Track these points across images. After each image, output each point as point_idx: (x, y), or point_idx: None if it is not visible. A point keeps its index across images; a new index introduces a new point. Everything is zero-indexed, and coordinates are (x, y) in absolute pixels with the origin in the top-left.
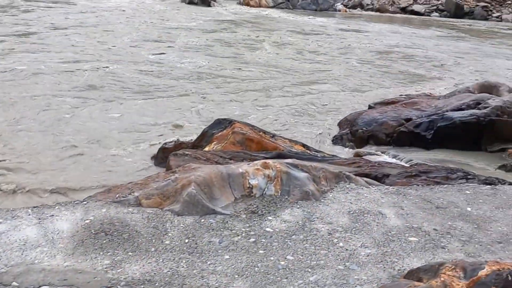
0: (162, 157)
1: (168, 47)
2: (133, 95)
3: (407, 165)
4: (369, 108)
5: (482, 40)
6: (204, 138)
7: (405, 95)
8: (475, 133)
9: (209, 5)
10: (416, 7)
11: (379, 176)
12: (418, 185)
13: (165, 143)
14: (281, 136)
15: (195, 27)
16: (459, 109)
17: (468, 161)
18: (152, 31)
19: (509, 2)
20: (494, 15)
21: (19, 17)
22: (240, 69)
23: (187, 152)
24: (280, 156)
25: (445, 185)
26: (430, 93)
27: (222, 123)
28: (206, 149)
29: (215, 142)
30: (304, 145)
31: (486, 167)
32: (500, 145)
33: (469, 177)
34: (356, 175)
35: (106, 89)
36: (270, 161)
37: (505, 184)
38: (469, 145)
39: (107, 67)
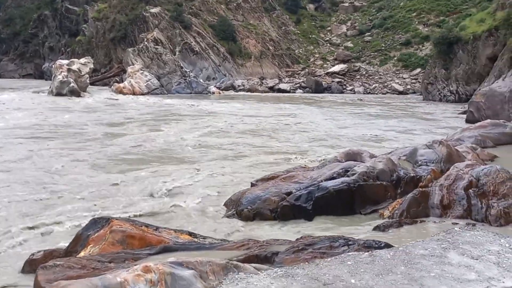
0: (30, 270)
1: None
2: None
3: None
4: (251, 186)
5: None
6: (79, 241)
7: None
8: (349, 198)
9: (79, 96)
10: (282, 86)
11: (268, 256)
12: (305, 260)
13: (33, 254)
14: (165, 228)
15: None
16: (332, 178)
17: (347, 226)
18: None
19: (358, 77)
20: (348, 88)
21: None
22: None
23: (58, 263)
24: (166, 249)
25: (329, 259)
26: (305, 165)
27: (98, 223)
28: (82, 254)
29: (91, 245)
30: (190, 233)
31: (363, 229)
32: (371, 207)
33: (350, 243)
34: (245, 258)
35: None
36: (151, 264)
37: (381, 248)
38: (346, 210)
39: None
